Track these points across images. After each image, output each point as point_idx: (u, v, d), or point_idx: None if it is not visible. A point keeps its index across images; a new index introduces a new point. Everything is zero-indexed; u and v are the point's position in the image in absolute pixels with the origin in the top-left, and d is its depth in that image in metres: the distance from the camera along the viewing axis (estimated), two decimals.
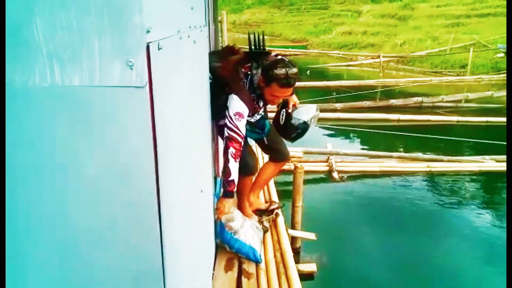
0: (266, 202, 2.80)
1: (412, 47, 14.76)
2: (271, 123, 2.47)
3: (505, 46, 11.29)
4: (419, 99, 7.97)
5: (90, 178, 0.77)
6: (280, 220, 2.63)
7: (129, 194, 0.79)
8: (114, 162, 0.77)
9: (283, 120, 2.32)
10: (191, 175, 1.31)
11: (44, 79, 0.71)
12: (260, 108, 2.26)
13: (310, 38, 20.85)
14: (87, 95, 0.73)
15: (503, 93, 7.95)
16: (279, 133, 2.42)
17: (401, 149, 5.63)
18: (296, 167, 2.99)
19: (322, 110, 7.60)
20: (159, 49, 0.78)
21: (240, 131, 1.97)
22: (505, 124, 6.57)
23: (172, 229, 0.90)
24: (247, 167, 2.29)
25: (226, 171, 1.95)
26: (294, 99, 2.40)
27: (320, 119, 2.69)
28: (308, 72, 12.24)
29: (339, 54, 15.77)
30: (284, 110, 2.35)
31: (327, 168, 4.74)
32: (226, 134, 1.98)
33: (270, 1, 32.27)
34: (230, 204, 2.04)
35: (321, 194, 4.32)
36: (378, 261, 3.10)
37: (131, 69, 0.71)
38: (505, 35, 12.37)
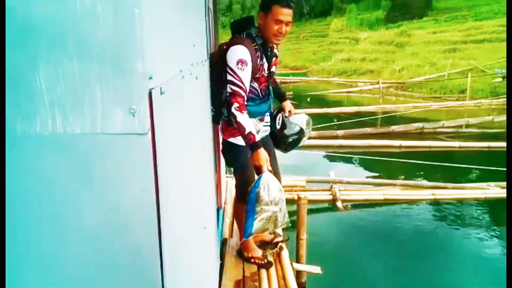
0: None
1: (410, 72, 14.96)
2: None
3: (503, 71, 11.43)
4: (420, 125, 7.99)
5: (91, 226, 0.75)
6: (285, 254, 2.56)
7: (130, 242, 0.76)
8: (115, 210, 0.75)
9: (279, 124, 2.24)
10: (194, 214, 1.28)
11: (46, 127, 0.70)
12: (264, 72, 2.03)
13: (310, 65, 21.21)
14: (88, 143, 0.71)
15: (504, 117, 7.97)
16: (273, 140, 2.30)
17: (404, 176, 5.58)
18: (299, 198, 2.95)
19: (323, 137, 7.62)
20: (161, 93, 0.78)
21: (244, 84, 1.87)
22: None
23: (174, 279, 0.86)
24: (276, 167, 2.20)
25: (239, 127, 1.85)
26: (289, 105, 2.36)
27: (322, 146, 2.72)
28: (308, 99, 12.35)
29: (338, 80, 15.98)
30: (280, 114, 2.29)
31: (330, 197, 4.68)
32: (229, 90, 1.88)
33: None
34: (263, 152, 1.89)
35: (325, 224, 4.25)
36: None
37: (133, 116, 0.70)
38: (502, 59, 12.56)
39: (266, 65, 2.02)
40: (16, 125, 0.70)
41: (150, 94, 0.70)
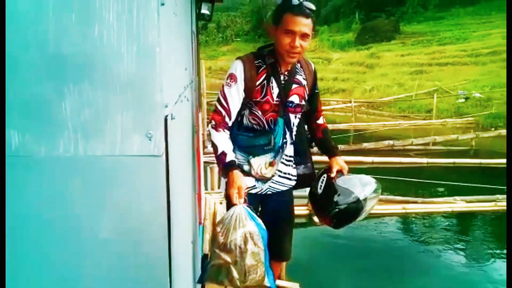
0: None
1: (380, 92, 15.59)
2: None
3: (465, 92, 12.15)
4: (391, 142, 8.35)
5: (107, 241, 0.81)
6: None
7: (142, 256, 0.83)
8: (129, 226, 0.82)
9: (322, 188, 1.68)
10: (188, 229, 1.36)
11: (68, 150, 0.77)
12: (271, 99, 1.65)
13: None
14: (108, 164, 0.79)
15: (467, 136, 8.45)
16: (315, 212, 1.80)
17: None
18: None
19: None
20: (172, 119, 0.87)
21: (227, 103, 1.61)
22: (471, 165, 6.96)
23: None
24: (279, 249, 1.76)
25: (213, 148, 1.60)
26: (340, 162, 1.79)
27: None
28: None
29: None
30: (325, 175, 1.73)
31: (307, 212, 4.81)
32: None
33: (244, 49, 33.62)
34: (238, 176, 1.51)
35: (303, 239, 4.35)
36: None
37: (150, 140, 0.79)
38: (464, 82, 13.35)
39: (276, 91, 1.65)
40: (40, 148, 0.77)
41: (165, 120, 0.79)
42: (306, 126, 1.88)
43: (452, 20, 22.13)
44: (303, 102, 1.75)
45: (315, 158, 1.93)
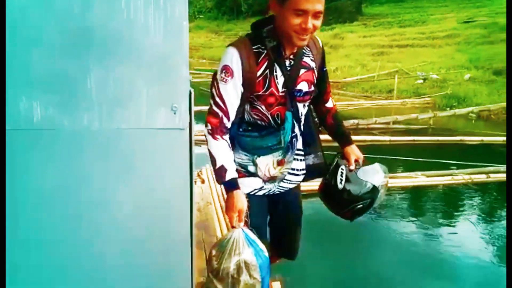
0: None
1: (344, 73, 15.93)
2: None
3: (424, 74, 12.72)
4: (355, 121, 8.64)
5: (129, 214, 0.83)
6: None
7: (164, 230, 0.86)
8: (152, 199, 0.84)
9: (343, 181, 1.53)
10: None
11: (92, 123, 0.77)
12: (276, 91, 1.40)
13: None
14: (131, 136, 0.80)
15: (426, 115, 8.90)
16: (331, 203, 1.64)
17: None
18: None
19: None
20: (193, 94, 0.88)
21: (224, 102, 1.34)
22: (429, 142, 7.39)
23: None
24: (289, 249, 1.68)
25: (210, 159, 1.35)
26: (355, 151, 1.64)
27: None
28: None
29: None
30: (343, 167, 1.57)
31: None
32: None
33: (208, 26, 32.85)
34: (239, 198, 1.34)
35: None
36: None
37: (175, 113, 0.80)
38: (422, 63, 13.93)
39: (281, 80, 1.39)
40: (63, 121, 0.76)
41: (190, 94, 0.81)
42: (312, 110, 1.65)
43: (412, 3, 22.84)
44: (312, 88, 1.51)
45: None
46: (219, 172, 1.33)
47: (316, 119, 1.66)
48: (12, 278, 0.68)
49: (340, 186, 1.53)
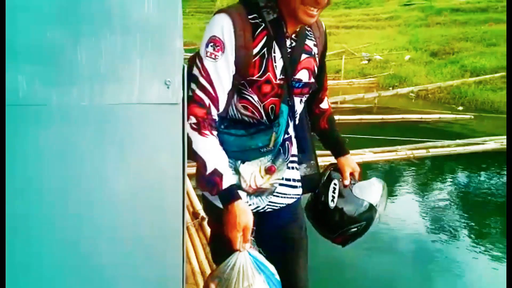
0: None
1: None
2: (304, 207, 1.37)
3: (368, 55, 13.28)
4: None
5: (122, 192, 0.81)
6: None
7: (155, 208, 0.85)
8: (145, 176, 0.82)
9: (335, 199, 1.28)
10: None
11: (82, 98, 0.73)
12: (273, 77, 1.12)
13: (198, 41, 21.00)
14: (123, 112, 0.77)
15: (371, 94, 9.35)
16: (321, 228, 1.36)
17: None
18: None
19: None
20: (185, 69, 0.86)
21: (213, 85, 1.06)
22: (375, 121, 7.84)
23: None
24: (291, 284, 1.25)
25: (197, 161, 1.05)
26: (351, 163, 1.37)
27: None
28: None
29: None
30: (336, 182, 1.31)
31: None
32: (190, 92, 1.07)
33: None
34: (243, 211, 1.04)
35: None
36: None
37: (168, 88, 0.78)
38: (367, 44, 14.51)
39: (279, 64, 1.12)
40: (51, 96, 0.72)
41: (183, 68, 0.79)
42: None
43: None
44: (312, 79, 1.23)
45: None
46: (212, 179, 1.03)
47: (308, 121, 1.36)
48: None
49: (331, 204, 1.27)
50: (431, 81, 9.81)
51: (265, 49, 1.10)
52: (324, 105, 1.41)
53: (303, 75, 1.20)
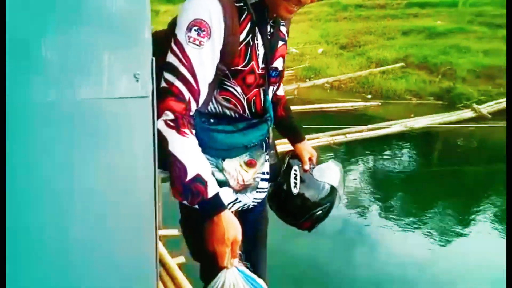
0: None
1: None
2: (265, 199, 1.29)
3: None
4: None
5: (92, 188, 0.78)
6: None
7: (128, 203, 0.83)
8: (115, 171, 0.80)
9: (297, 185, 1.26)
10: None
11: (47, 94, 0.69)
12: (257, 66, 1.06)
13: None
14: (93, 107, 0.74)
15: (291, 86, 9.76)
16: (286, 216, 1.32)
17: None
18: None
19: None
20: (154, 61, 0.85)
21: (194, 75, 0.95)
22: (297, 111, 8.21)
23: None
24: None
25: (173, 166, 0.93)
26: (308, 148, 1.37)
27: None
28: None
29: None
30: (297, 168, 1.30)
31: None
32: (162, 82, 0.95)
33: None
34: (230, 223, 0.95)
35: None
36: None
37: (137, 81, 0.77)
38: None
39: (261, 52, 1.06)
40: (16, 92, 0.66)
41: (152, 61, 0.79)
42: None
43: None
44: (283, 68, 1.20)
45: None
46: (194, 187, 0.91)
47: None
48: None
49: (295, 191, 1.24)
50: (342, 72, 10.59)
51: (249, 36, 1.02)
52: (280, 92, 1.40)
53: (279, 63, 1.16)
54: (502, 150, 5.80)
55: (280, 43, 1.15)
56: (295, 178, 1.28)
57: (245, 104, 1.09)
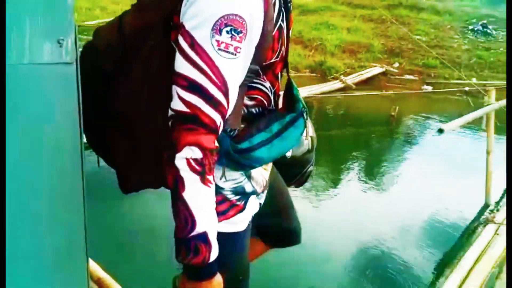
0: None
1: (82, 16, 14.51)
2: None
3: None
4: None
5: (15, 154, 0.76)
6: None
7: (53, 170, 0.82)
8: (41, 137, 0.79)
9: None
10: None
11: None
12: (284, 49, 0.89)
13: None
14: (13, 73, 0.71)
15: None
16: (289, 178, 1.26)
17: None
18: None
19: None
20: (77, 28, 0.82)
21: (226, 93, 0.73)
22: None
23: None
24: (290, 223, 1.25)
25: (178, 214, 0.77)
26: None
27: None
28: None
29: None
30: None
31: None
32: (177, 104, 0.74)
33: None
34: (219, 284, 0.85)
35: None
36: None
37: (61, 46, 0.77)
38: None
39: (285, 38, 0.87)
40: None
41: (75, 28, 0.78)
42: None
43: None
44: None
45: None
46: (196, 244, 0.77)
47: None
48: None
49: (288, 154, 1.16)
50: None
51: (280, 17, 0.82)
52: None
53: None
54: (364, 116, 6.85)
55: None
56: None
57: (271, 98, 0.93)
